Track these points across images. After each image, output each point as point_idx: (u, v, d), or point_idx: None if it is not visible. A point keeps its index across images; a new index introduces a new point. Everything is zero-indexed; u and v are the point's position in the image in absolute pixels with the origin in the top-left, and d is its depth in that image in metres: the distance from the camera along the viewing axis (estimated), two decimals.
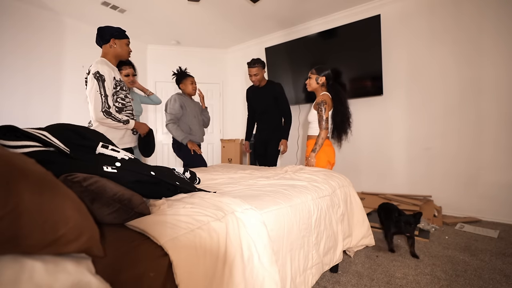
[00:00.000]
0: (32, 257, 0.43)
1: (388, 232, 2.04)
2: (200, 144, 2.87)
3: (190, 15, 3.63)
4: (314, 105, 2.22)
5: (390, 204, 2.21)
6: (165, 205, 0.90)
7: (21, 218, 0.40)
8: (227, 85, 5.06)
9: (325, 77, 2.22)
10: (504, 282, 1.53)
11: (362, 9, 3.37)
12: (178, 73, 2.76)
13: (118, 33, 1.84)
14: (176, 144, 2.73)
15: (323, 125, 2.10)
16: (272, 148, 2.87)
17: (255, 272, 0.84)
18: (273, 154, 2.89)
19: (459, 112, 2.85)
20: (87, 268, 0.48)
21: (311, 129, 2.28)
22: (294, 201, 1.18)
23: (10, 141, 0.71)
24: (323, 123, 2.09)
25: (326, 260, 1.31)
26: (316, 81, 2.24)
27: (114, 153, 1.00)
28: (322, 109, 2.10)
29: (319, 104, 2.13)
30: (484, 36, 2.69)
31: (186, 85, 2.74)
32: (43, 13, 3.40)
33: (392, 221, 1.98)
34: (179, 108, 2.62)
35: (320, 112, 2.11)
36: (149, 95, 2.70)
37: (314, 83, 2.25)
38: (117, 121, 1.77)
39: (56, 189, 0.48)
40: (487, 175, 2.71)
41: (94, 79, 1.69)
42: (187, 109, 2.69)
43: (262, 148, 2.96)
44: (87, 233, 0.49)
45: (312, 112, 2.25)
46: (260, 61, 2.72)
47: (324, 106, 2.10)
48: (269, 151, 2.89)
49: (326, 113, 2.10)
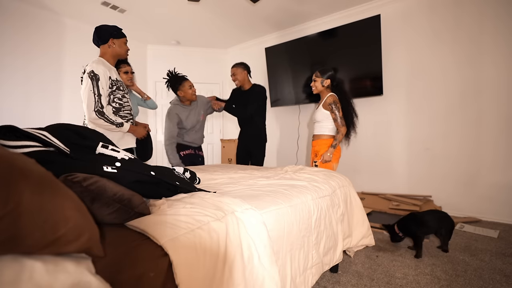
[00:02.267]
0: (32, 257, 0.43)
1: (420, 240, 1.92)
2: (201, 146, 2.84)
3: (190, 15, 3.63)
4: (324, 105, 2.26)
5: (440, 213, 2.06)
6: (165, 205, 0.90)
7: (21, 218, 0.40)
8: (227, 85, 5.06)
9: (329, 79, 2.28)
10: (504, 282, 1.53)
11: (362, 9, 3.37)
12: (172, 78, 2.50)
13: (116, 32, 1.83)
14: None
15: (340, 122, 2.19)
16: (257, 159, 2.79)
17: (255, 272, 0.84)
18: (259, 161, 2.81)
19: (459, 112, 2.84)
20: (87, 268, 0.48)
21: (319, 128, 2.31)
22: (294, 201, 1.18)
23: (10, 141, 0.71)
24: (340, 121, 2.19)
25: (326, 260, 1.31)
26: (321, 84, 2.29)
27: (114, 153, 0.99)
28: (336, 108, 2.19)
29: (331, 104, 2.20)
30: (484, 35, 2.69)
31: (185, 91, 2.48)
32: (42, 13, 3.40)
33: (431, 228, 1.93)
34: (175, 128, 2.49)
35: (335, 111, 2.20)
36: (146, 99, 2.60)
37: (320, 86, 2.30)
38: (110, 122, 1.73)
39: (56, 189, 0.48)
40: (487, 175, 2.71)
41: (88, 78, 1.68)
42: (184, 123, 2.55)
43: (245, 155, 2.87)
44: (87, 233, 0.49)
45: (321, 112, 2.28)
46: (242, 63, 2.72)
47: (337, 106, 2.20)
48: (253, 162, 2.81)
49: (340, 112, 2.20)
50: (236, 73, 2.70)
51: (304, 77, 3.79)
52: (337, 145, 2.20)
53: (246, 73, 2.73)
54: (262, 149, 2.84)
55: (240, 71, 2.69)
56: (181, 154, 2.64)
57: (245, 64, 2.73)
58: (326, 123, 2.27)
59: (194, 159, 2.73)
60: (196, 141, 2.72)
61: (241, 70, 2.69)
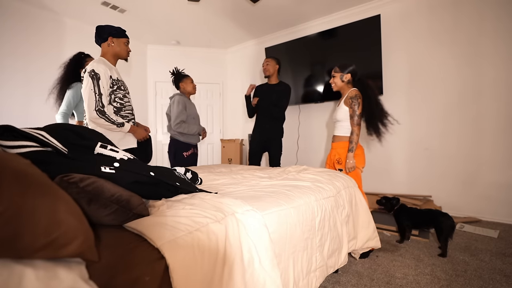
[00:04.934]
0: (22, 263, 0.41)
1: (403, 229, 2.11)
2: (197, 144, 2.88)
3: (190, 15, 3.62)
4: (346, 100, 2.04)
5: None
6: (164, 206, 0.88)
7: (11, 221, 0.38)
8: (227, 85, 5.05)
9: (350, 73, 2.09)
10: (504, 282, 1.52)
11: (362, 9, 3.36)
12: (177, 73, 2.77)
13: (116, 32, 1.82)
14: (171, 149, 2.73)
15: (355, 120, 1.97)
16: (275, 150, 2.89)
17: (255, 275, 0.82)
18: (277, 156, 2.91)
19: (458, 112, 2.84)
20: (79, 274, 0.47)
21: (341, 128, 2.08)
22: (297, 202, 1.16)
23: (7, 141, 0.70)
24: (356, 119, 1.96)
25: (331, 262, 1.29)
26: (341, 79, 2.10)
27: (113, 153, 0.98)
28: (356, 103, 1.97)
29: (352, 98, 1.99)
30: (483, 36, 2.69)
31: (187, 84, 2.75)
32: (43, 14, 3.39)
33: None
34: (184, 111, 2.64)
35: (354, 107, 1.97)
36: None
37: (339, 82, 2.11)
38: (111, 122, 1.72)
39: (49, 192, 0.46)
40: (486, 175, 2.70)
41: (89, 77, 1.68)
42: (187, 111, 2.69)
43: (260, 151, 2.97)
44: (81, 237, 0.48)
45: (342, 109, 2.05)
46: (275, 58, 2.87)
47: (358, 101, 1.97)
48: (273, 153, 2.90)
49: (359, 109, 1.97)
50: (269, 63, 2.82)
51: (304, 77, 3.78)
52: (354, 148, 1.95)
53: (278, 67, 2.87)
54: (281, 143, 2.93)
55: (273, 64, 2.83)
56: (184, 155, 2.66)
57: (278, 60, 2.89)
58: (348, 122, 2.04)
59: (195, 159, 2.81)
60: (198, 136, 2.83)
61: (274, 63, 2.83)
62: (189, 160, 2.70)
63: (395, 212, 2.15)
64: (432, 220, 1.95)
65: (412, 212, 2.08)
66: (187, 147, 2.71)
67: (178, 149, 2.69)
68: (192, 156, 2.75)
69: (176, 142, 2.71)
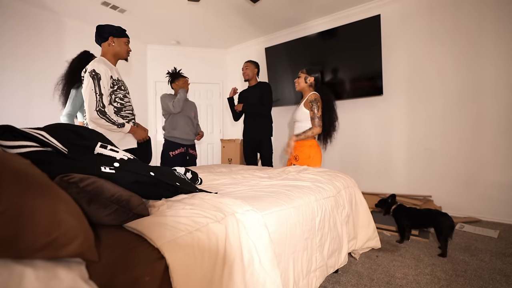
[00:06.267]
0: (22, 263, 0.41)
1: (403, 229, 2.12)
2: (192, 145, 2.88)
3: (190, 15, 3.62)
4: (306, 103, 2.18)
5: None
6: (164, 206, 0.88)
7: (11, 221, 0.38)
8: (227, 85, 5.05)
9: (314, 78, 2.24)
10: (504, 282, 1.52)
11: (362, 9, 3.36)
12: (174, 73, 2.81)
13: (116, 31, 1.82)
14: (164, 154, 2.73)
15: (316, 122, 2.12)
16: (266, 149, 2.94)
17: (255, 275, 0.82)
18: (268, 155, 2.96)
19: (458, 112, 2.84)
20: (79, 274, 0.47)
21: (300, 128, 2.22)
22: (297, 202, 1.16)
23: (7, 141, 0.70)
24: (317, 120, 2.12)
25: (331, 262, 1.29)
26: (304, 80, 2.25)
27: (113, 153, 0.98)
28: (315, 107, 2.12)
29: (312, 102, 2.14)
30: (483, 36, 2.69)
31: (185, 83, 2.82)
32: (43, 14, 3.39)
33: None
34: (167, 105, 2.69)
35: (314, 110, 2.12)
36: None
37: (303, 82, 2.26)
38: (111, 122, 1.72)
39: (49, 192, 0.46)
40: (487, 175, 2.70)
41: (90, 77, 1.68)
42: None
43: (253, 151, 3.03)
44: (81, 237, 0.48)
45: (301, 111, 2.20)
46: (254, 62, 3.02)
47: (317, 104, 2.12)
48: (264, 152, 2.96)
49: (319, 111, 2.12)
50: (249, 67, 2.98)
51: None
52: (301, 138, 2.14)
53: (256, 71, 3.03)
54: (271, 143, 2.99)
55: (252, 68, 3.00)
56: (171, 154, 2.66)
57: (256, 63, 3.04)
58: (307, 123, 2.17)
59: (184, 159, 2.77)
60: (189, 135, 2.79)
61: (253, 67, 3.00)
62: (176, 160, 2.68)
63: (394, 212, 2.15)
64: (431, 220, 1.95)
65: (412, 212, 2.09)
66: (174, 146, 2.71)
67: (164, 148, 2.72)
68: (180, 156, 2.72)
69: (164, 140, 2.77)
